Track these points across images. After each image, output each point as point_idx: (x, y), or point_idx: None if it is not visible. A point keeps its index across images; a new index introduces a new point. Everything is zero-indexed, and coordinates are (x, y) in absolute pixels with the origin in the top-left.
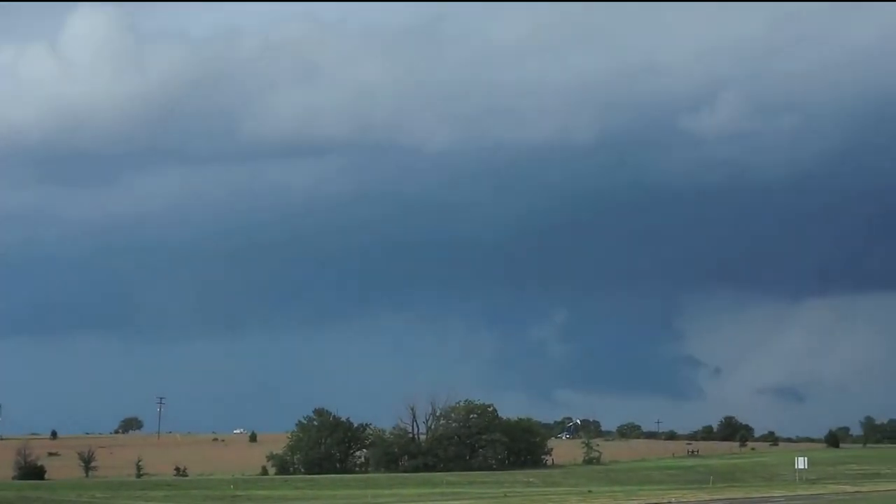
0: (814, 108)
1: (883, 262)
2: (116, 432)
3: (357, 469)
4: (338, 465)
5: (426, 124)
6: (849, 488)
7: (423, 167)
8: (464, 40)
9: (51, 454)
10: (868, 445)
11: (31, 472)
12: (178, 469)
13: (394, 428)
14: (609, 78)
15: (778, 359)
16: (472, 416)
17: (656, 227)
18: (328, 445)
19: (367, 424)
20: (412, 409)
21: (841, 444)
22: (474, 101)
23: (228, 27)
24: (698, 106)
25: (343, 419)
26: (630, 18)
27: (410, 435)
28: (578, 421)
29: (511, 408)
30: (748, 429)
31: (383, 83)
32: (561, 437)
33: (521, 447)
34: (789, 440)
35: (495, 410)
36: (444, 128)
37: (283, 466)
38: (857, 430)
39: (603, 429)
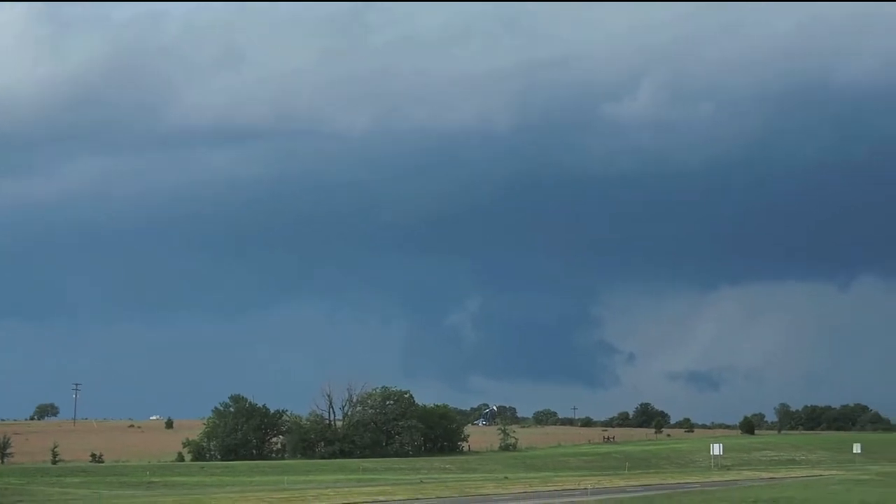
0: (732, 96)
1: (797, 251)
2: (32, 419)
3: (273, 455)
4: (254, 452)
5: (348, 110)
6: (763, 474)
7: (345, 153)
8: (388, 27)
9: None
10: (783, 432)
11: None
12: (93, 455)
13: (310, 414)
14: (531, 66)
15: (694, 346)
16: (388, 402)
17: (573, 212)
18: (244, 432)
19: (283, 411)
20: (328, 396)
21: (756, 431)
22: (397, 88)
23: (151, 11)
24: (619, 94)
25: (259, 406)
26: (554, 7)
27: (327, 421)
28: (495, 407)
29: (427, 394)
30: (664, 415)
31: (307, 69)
32: (477, 424)
33: (438, 434)
34: (705, 427)
35: (412, 397)
36: (366, 114)
37: (200, 453)
38: (771, 417)
39: (519, 415)
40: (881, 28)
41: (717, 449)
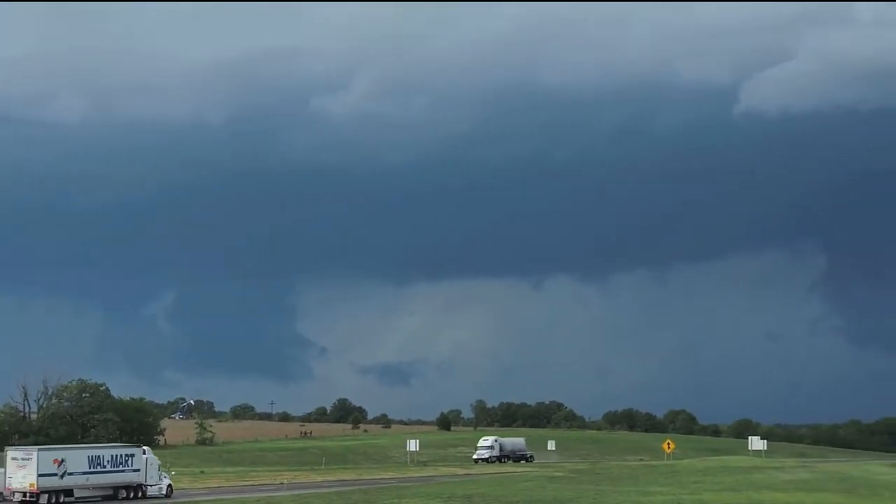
0: (445, 94)
1: (493, 248)
2: None
3: None
4: None
5: (64, 97)
6: (459, 471)
7: (57, 141)
8: (116, 13)
9: None
10: (479, 429)
11: None
12: None
13: (4, 406)
14: (248, 58)
15: (389, 341)
16: (84, 395)
17: (275, 205)
18: None
19: None
20: (23, 388)
21: (452, 427)
22: (114, 76)
23: None
24: (333, 87)
25: None
26: (271, 3)
27: (21, 414)
28: (192, 401)
29: (123, 387)
30: (361, 411)
31: (29, 54)
32: (174, 418)
33: (134, 427)
34: (402, 422)
35: (108, 390)
36: (85, 102)
37: None
38: (468, 414)
39: (216, 409)
40: (592, 31)
41: (413, 445)
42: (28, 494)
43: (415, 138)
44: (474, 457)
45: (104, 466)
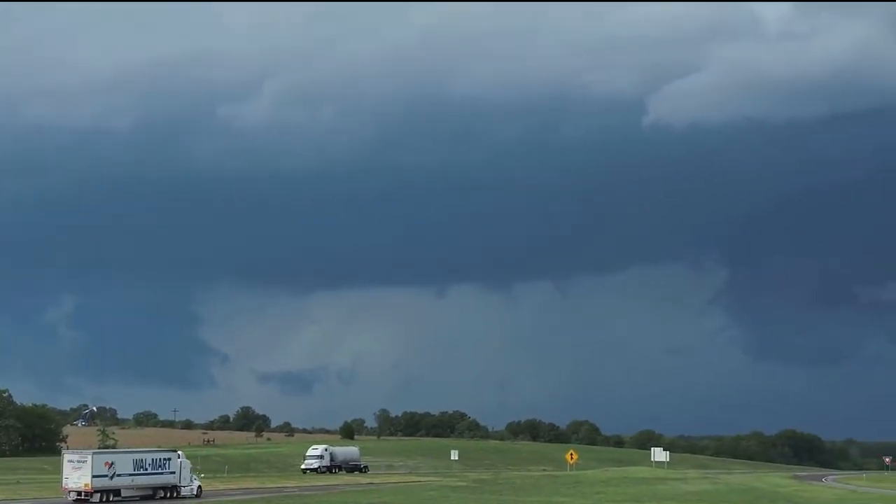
0: (351, 102)
1: (396, 257)
2: None
3: None
4: None
5: None
6: (362, 480)
7: None
8: (24, 20)
9: None
10: (382, 438)
11: None
12: None
13: None
14: (155, 64)
15: (291, 350)
16: None
17: (178, 213)
18: None
19: None
20: None
21: (356, 436)
22: (20, 81)
23: None
24: (242, 95)
25: None
26: (182, 7)
27: None
28: (94, 408)
29: (25, 394)
30: (265, 419)
31: None
32: (77, 425)
33: (36, 433)
34: (306, 431)
35: (10, 396)
36: None
37: None
38: (371, 423)
39: (120, 417)
40: (500, 41)
41: None
42: (83, 493)
43: (320, 146)
44: (302, 466)
45: (146, 469)
